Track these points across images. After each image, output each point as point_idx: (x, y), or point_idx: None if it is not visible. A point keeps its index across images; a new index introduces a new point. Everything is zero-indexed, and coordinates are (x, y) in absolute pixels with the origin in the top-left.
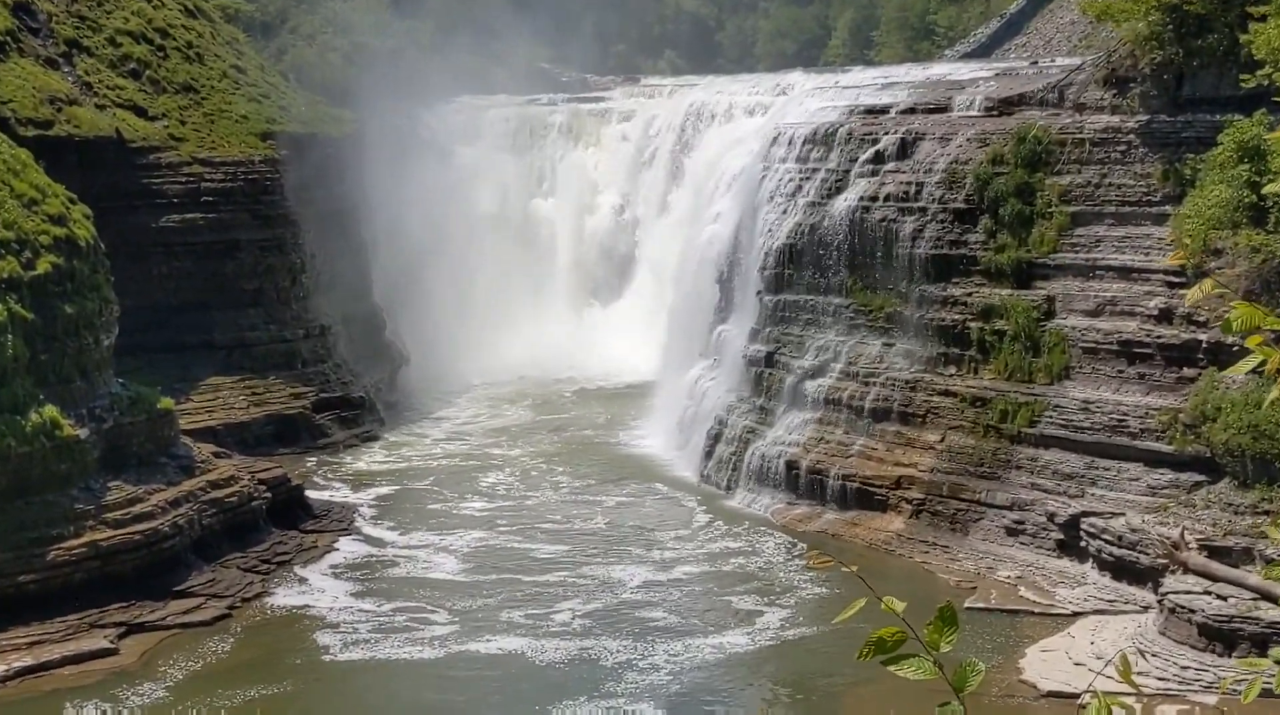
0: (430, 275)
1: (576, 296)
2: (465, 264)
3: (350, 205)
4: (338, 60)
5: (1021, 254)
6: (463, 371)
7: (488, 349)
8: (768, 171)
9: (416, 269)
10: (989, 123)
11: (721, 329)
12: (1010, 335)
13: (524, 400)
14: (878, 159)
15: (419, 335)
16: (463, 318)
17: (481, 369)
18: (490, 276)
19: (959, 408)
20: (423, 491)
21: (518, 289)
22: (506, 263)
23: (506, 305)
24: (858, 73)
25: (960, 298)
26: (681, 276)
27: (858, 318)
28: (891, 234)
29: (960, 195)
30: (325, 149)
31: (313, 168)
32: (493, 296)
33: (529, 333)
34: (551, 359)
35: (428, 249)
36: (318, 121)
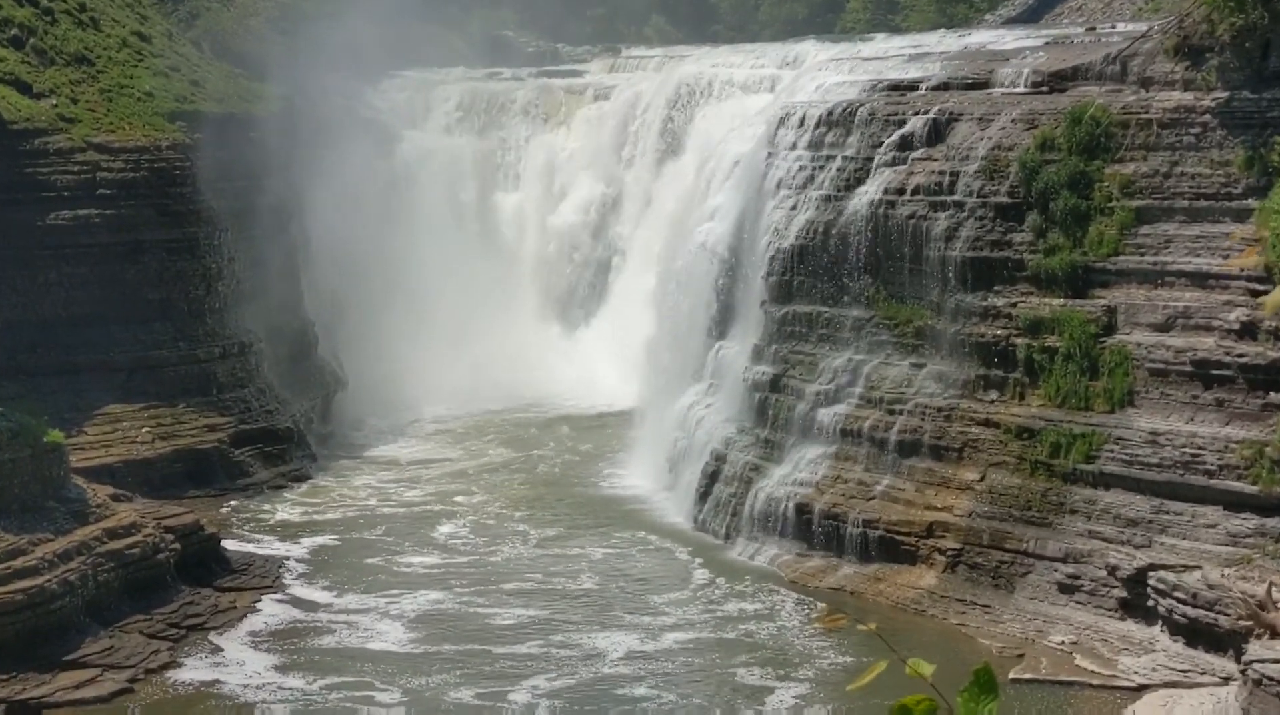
0: (372, 283)
1: (546, 308)
2: (414, 270)
3: (277, 199)
4: (261, 26)
5: (1076, 257)
6: (411, 398)
7: (441, 371)
8: (773, 159)
9: (356, 276)
10: (1037, 101)
11: (719, 347)
12: (1063, 354)
13: (484, 432)
14: (905, 144)
15: (358, 355)
16: (411, 334)
17: (434, 395)
18: (443, 284)
19: (1002, 440)
20: (363, 543)
21: (476, 299)
22: (462, 268)
23: (463, 319)
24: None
25: (1003, 309)
26: (671, 284)
27: (881, 333)
28: (921, 233)
29: (1003, 187)
30: (247, 132)
31: (231, 155)
32: (446, 308)
33: (490, 352)
34: (517, 383)
35: (369, 252)
36: (237, 99)
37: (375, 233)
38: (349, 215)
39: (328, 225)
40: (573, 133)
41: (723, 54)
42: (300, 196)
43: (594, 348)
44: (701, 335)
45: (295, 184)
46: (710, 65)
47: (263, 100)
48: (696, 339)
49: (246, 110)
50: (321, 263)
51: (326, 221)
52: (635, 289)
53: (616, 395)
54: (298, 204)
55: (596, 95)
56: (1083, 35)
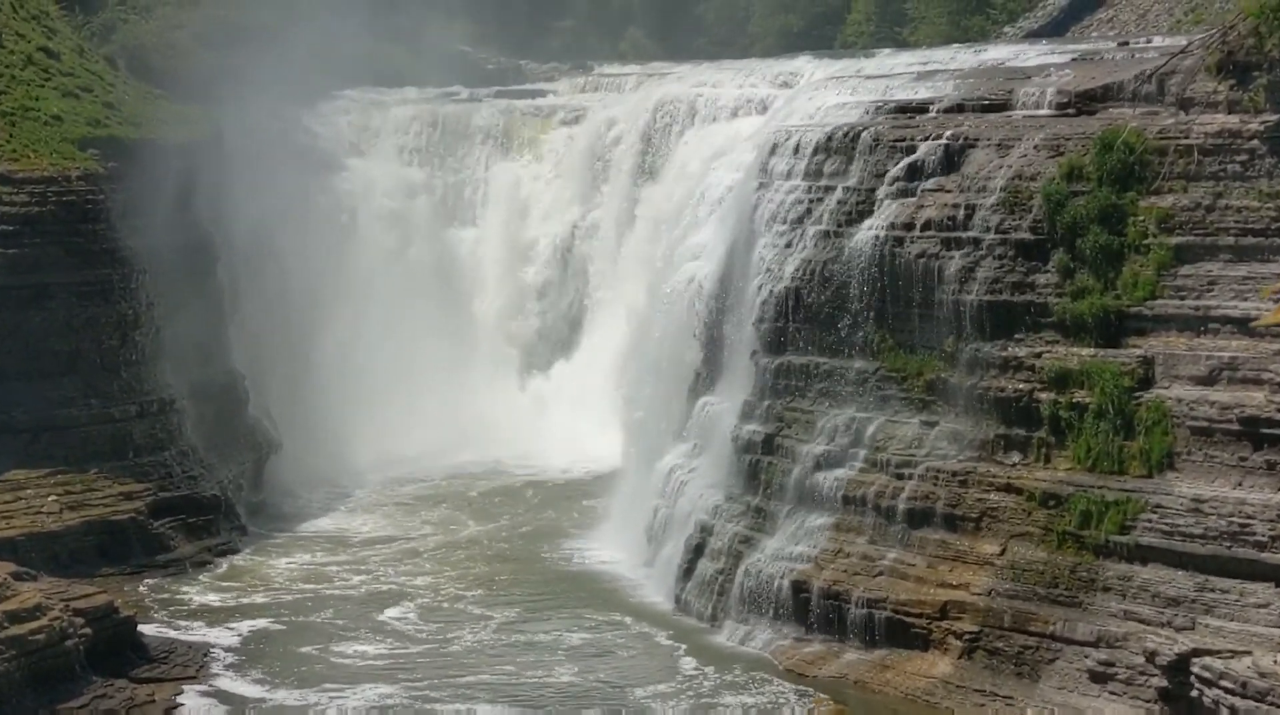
0: (311, 332)
1: (509, 359)
2: (358, 317)
3: (202, 238)
4: (185, 42)
5: (1108, 301)
6: (355, 462)
7: (389, 431)
8: (765, 190)
9: (292, 324)
10: (1063, 124)
11: (704, 402)
12: (1093, 411)
13: (439, 500)
14: (914, 173)
15: (295, 413)
16: (355, 389)
17: (380, 459)
18: (392, 332)
19: (1025, 509)
20: (300, 628)
21: (430, 350)
22: (414, 313)
23: (415, 372)
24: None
25: (1026, 360)
26: (649, 332)
27: (888, 387)
28: (933, 274)
29: (1025, 222)
30: (169, 161)
31: (151, 187)
32: (396, 360)
33: (445, 409)
34: (475, 444)
35: (307, 296)
36: (158, 124)
37: (314, 274)
38: (284, 255)
39: (260, 267)
40: (538, 161)
41: (707, 72)
42: (229, 234)
43: (563, 404)
44: (684, 389)
45: (223, 220)
46: (693, 85)
47: (187, 125)
48: (678, 394)
49: (168, 136)
50: (253, 309)
51: (258, 262)
52: (609, 337)
53: (588, 458)
54: (226, 242)
55: (565, 119)
56: (1114, 50)
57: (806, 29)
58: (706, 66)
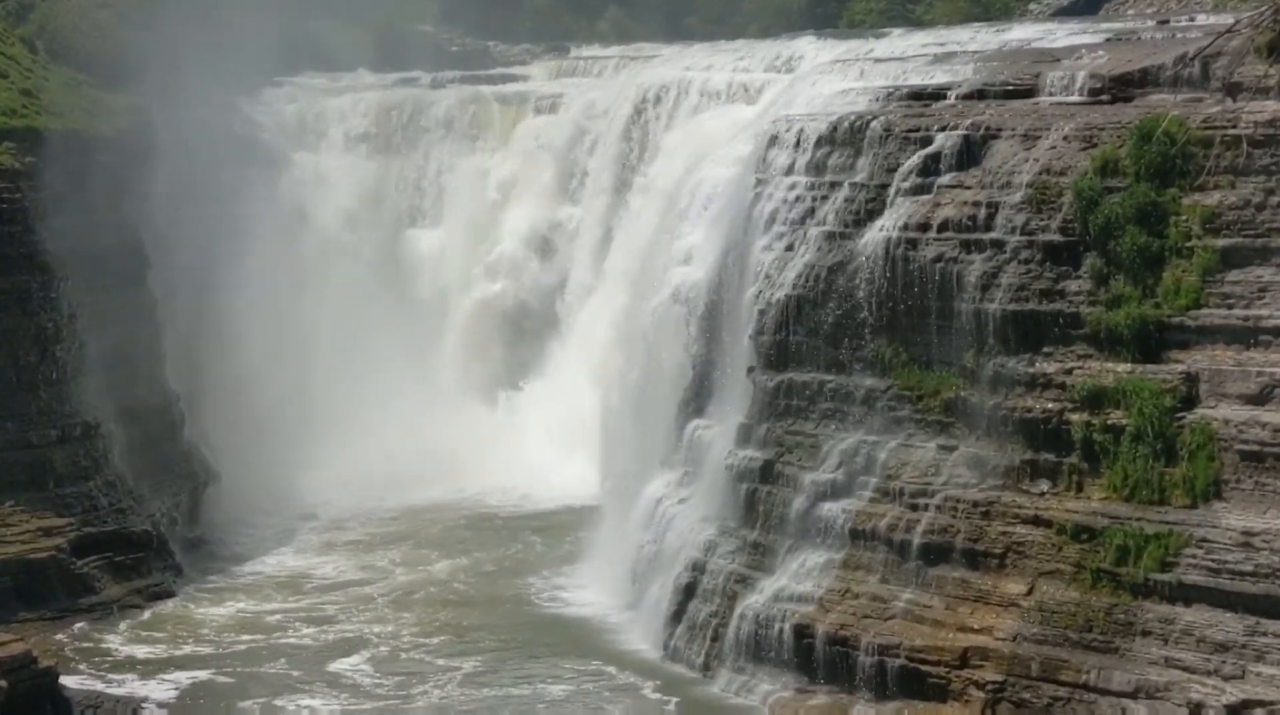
0: (253, 347)
1: (476, 376)
2: (308, 330)
3: (131, 241)
4: (112, 22)
5: (1147, 310)
6: (303, 493)
7: (341, 459)
8: (764, 187)
9: (233, 338)
10: (1096, 113)
11: (695, 425)
12: (1131, 434)
13: (398, 537)
14: (930, 168)
15: (237, 438)
16: (303, 412)
17: (332, 490)
18: (344, 347)
19: (1055, 543)
20: (243, 681)
21: (387, 366)
22: (369, 325)
23: (370, 392)
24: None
25: (1055, 377)
26: (634, 345)
27: (901, 408)
28: (951, 281)
29: (1054, 222)
30: (94, 155)
31: (74, 183)
32: (349, 378)
33: (404, 432)
34: (439, 472)
35: (249, 308)
36: (82, 113)
37: (257, 282)
38: (223, 260)
39: (196, 273)
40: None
41: (698, 54)
42: (162, 237)
43: (536, 427)
44: (672, 410)
45: (155, 221)
46: (683, 68)
47: (114, 114)
48: (666, 415)
49: (93, 128)
50: (189, 321)
51: (195, 269)
52: (589, 353)
53: (565, 488)
54: (159, 246)
55: (538, 107)
56: (1153, 30)
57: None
58: (697, 48)
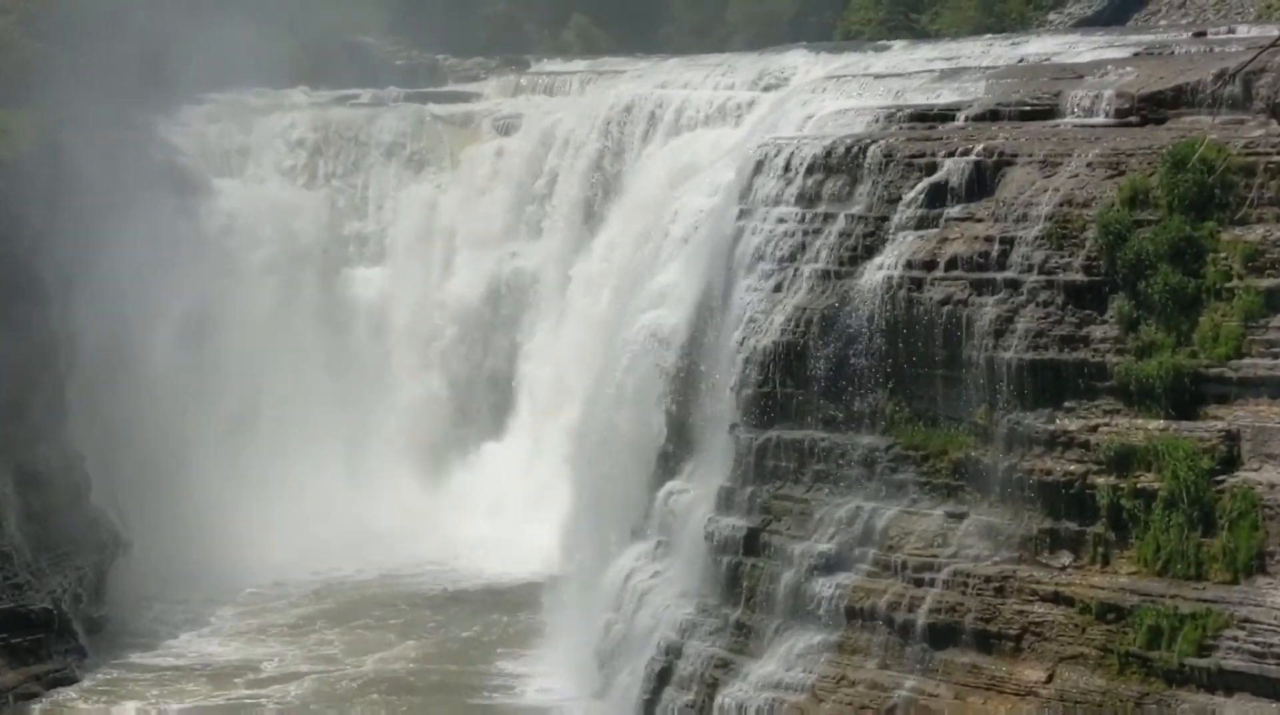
0: (170, 399)
1: (424, 434)
2: (231, 379)
3: (28, 280)
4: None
5: (1182, 360)
6: (226, 567)
7: (269, 528)
8: (748, 220)
9: (146, 388)
10: (1124, 137)
11: (669, 490)
12: (1164, 499)
13: (334, 617)
14: (936, 198)
15: (151, 504)
16: (227, 474)
17: (260, 563)
18: (275, 400)
19: (1078, 624)
20: None
21: (324, 423)
22: (303, 375)
23: (305, 451)
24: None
25: (1078, 435)
26: (600, 401)
27: (903, 469)
28: (960, 326)
29: (1076, 259)
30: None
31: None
32: (280, 435)
33: (342, 497)
34: (380, 543)
35: (166, 354)
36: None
37: (175, 327)
38: (136, 301)
39: (106, 316)
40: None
41: (675, 69)
42: (65, 274)
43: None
44: (644, 473)
45: (58, 255)
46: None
47: (12, 135)
48: (637, 478)
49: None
50: (96, 369)
51: (104, 311)
52: (549, 409)
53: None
54: (62, 285)
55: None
56: (1188, 43)
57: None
58: (674, 63)
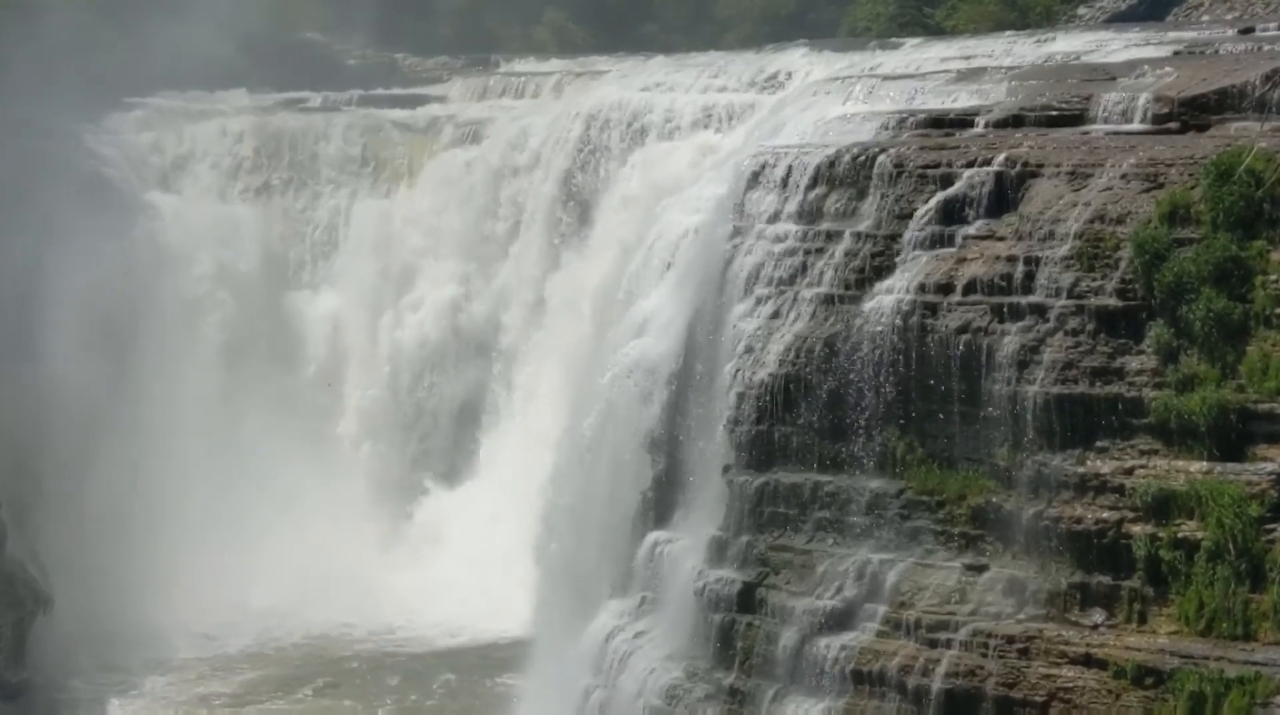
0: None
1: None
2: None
3: None
4: None
5: (1227, 394)
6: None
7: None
8: (743, 238)
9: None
10: (1162, 145)
11: (655, 539)
12: (1208, 550)
13: (281, 683)
14: (951, 214)
15: (75, 556)
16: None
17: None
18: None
19: (1112, 689)
20: None
21: (267, 466)
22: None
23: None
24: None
25: (1112, 478)
26: (577, 441)
27: (916, 516)
28: (979, 357)
29: (1109, 282)
30: None
31: None
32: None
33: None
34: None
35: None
36: None
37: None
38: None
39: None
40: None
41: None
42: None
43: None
44: (627, 521)
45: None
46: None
47: None
48: (619, 527)
49: None
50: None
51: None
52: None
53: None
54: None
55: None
56: (1233, 40)
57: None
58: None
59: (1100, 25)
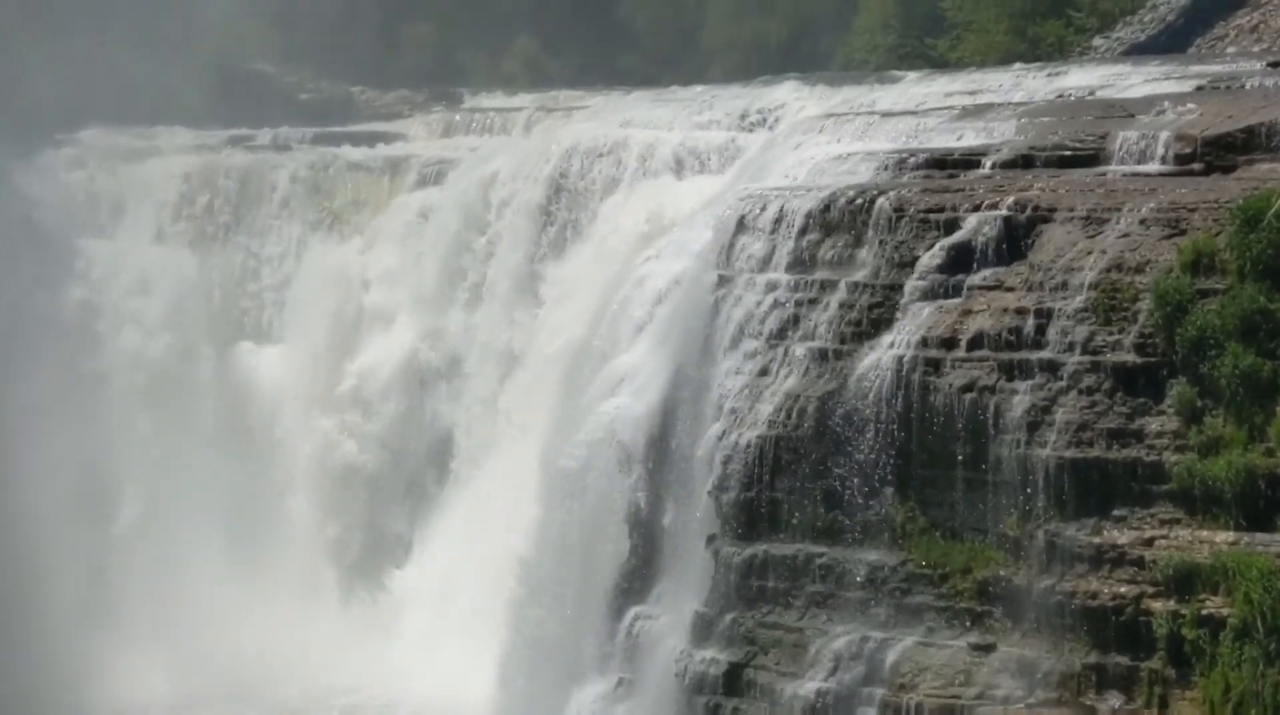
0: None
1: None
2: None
3: None
4: None
5: (1256, 458)
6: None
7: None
8: (729, 288)
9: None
10: (1184, 188)
11: (634, 615)
12: (1235, 628)
13: None
14: (956, 262)
15: None
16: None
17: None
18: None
19: None
20: None
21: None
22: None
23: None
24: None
25: (1130, 550)
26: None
27: (918, 590)
28: (987, 417)
29: (1127, 337)
30: None
31: None
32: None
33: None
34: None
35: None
36: None
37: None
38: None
39: None
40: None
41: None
42: None
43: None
44: (603, 596)
45: None
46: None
47: None
48: (595, 602)
49: None
50: None
51: None
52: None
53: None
54: None
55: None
56: (1262, 74)
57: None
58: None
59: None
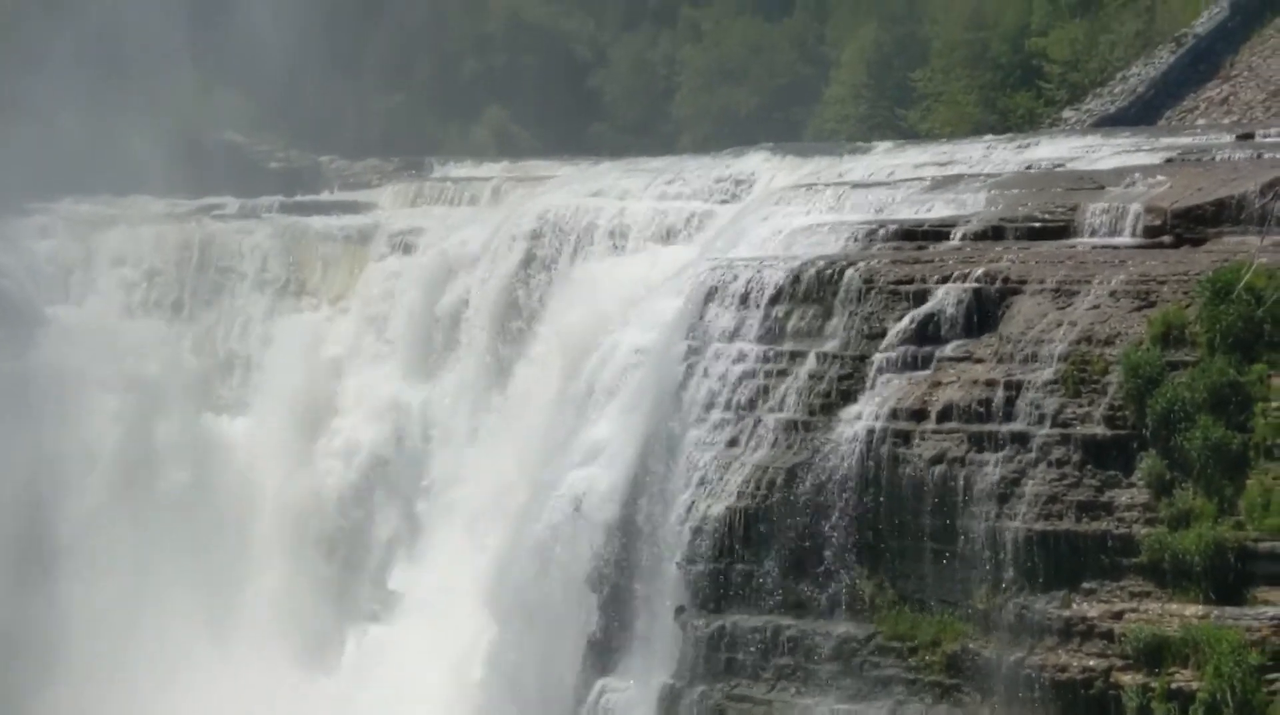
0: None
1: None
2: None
3: None
4: None
5: (1225, 531)
6: None
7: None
8: (698, 359)
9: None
10: (1154, 260)
11: (601, 688)
12: (1204, 702)
13: None
14: (926, 334)
15: None
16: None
17: None
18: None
19: None
20: None
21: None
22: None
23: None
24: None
25: (1099, 623)
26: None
27: (886, 664)
28: (956, 490)
29: (1097, 409)
30: None
31: None
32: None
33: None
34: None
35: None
36: None
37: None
38: None
39: None
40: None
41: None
42: None
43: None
44: (572, 668)
45: None
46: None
47: None
48: (561, 674)
49: None
50: None
51: None
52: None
53: None
54: None
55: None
56: (1231, 146)
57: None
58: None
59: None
